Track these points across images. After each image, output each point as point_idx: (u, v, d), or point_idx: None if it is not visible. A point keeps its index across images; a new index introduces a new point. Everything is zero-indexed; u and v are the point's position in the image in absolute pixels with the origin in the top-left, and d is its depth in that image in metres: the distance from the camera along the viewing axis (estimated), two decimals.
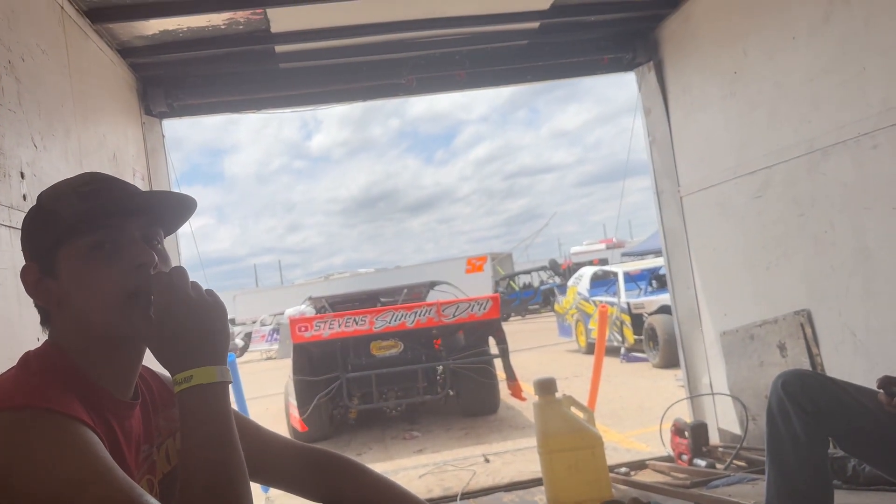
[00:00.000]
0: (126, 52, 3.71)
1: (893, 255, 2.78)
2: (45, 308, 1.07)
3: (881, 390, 1.93)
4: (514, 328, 19.37)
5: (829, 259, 3.15)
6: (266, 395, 11.39)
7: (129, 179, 3.51)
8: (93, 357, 1.04)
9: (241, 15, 3.54)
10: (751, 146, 3.59)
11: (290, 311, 15.22)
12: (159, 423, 1.16)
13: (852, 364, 3.06)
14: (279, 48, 3.97)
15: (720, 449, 3.93)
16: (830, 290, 3.17)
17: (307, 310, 10.49)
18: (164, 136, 4.24)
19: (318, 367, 7.42)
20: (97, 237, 1.02)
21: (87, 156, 2.97)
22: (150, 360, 1.11)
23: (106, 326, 1.03)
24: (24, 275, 1.06)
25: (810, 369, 3.22)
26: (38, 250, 1.06)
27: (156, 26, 3.52)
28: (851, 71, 2.87)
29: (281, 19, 3.64)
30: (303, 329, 7.21)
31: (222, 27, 3.66)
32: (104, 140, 3.24)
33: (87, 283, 1.02)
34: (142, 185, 3.77)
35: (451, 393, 7.92)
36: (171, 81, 4.10)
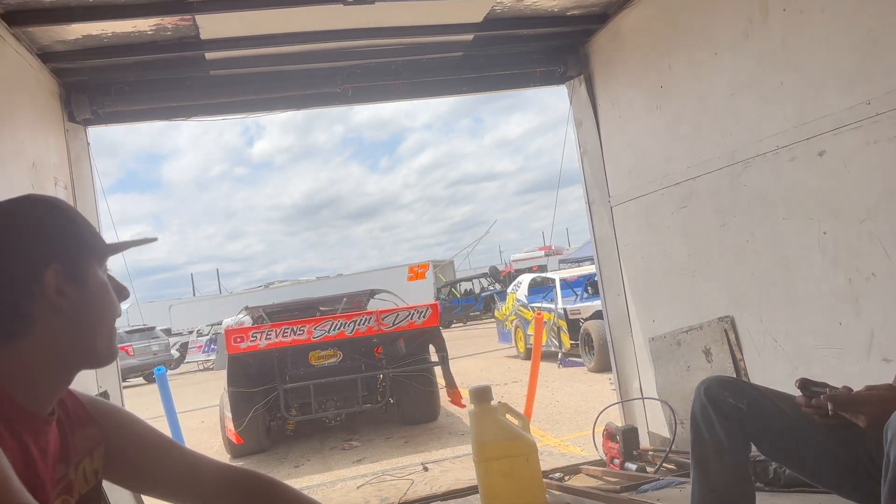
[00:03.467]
0: (47, 56, 3.59)
1: (810, 263, 2.90)
2: (35, 322, 0.99)
3: (800, 392, 2.00)
4: (455, 335, 19.44)
5: (750, 267, 3.26)
6: (202, 407, 11.13)
7: (49, 188, 3.41)
8: (39, 379, 1.00)
9: (168, 21, 3.46)
10: (676, 158, 3.69)
11: (228, 321, 14.92)
12: (75, 442, 1.11)
13: (773, 368, 3.18)
14: (209, 55, 3.90)
15: (650, 452, 4.02)
16: (752, 298, 3.29)
17: (244, 319, 10.31)
18: (89, 143, 4.11)
19: (254, 378, 7.29)
20: (104, 265, 1.09)
21: (3, 164, 2.86)
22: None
23: (103, 349, 1.06)
24: (51, 276, 0.99)
25: (733, 375, 3.33)
26: (70, 257, 1.03)
27: (78, 31, 3.42)
28: (770, 86, 2.99)
29: (210, 26, 3.57)
30: (238, 340, 7.07)
31: (149, 33, 3.58)
32: (22, 147, 3.12)
33: (105, 304, 1.06)
34: (63, 195, 3.64)
35: (392, 401, 7.89)
36: (96, 88, 3.97)
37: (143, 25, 3.47)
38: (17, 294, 0.99)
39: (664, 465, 3.73)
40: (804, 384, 1.99)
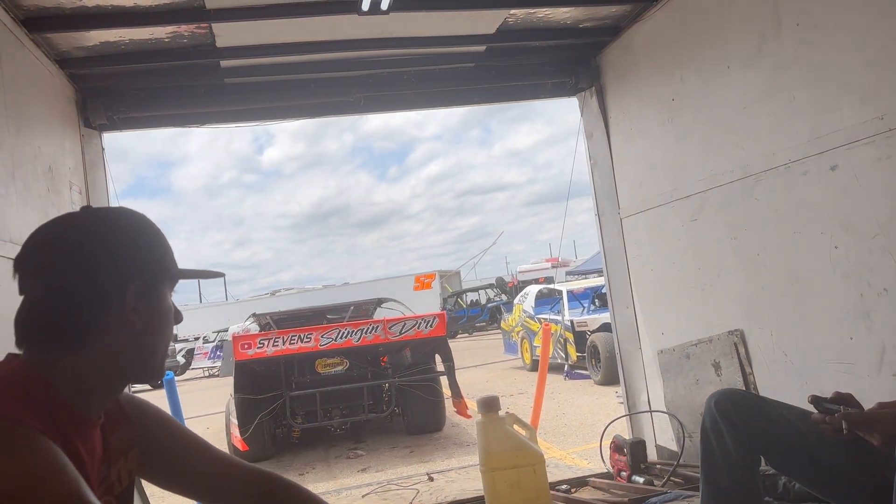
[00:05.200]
0: (65, 62, 3.62)
1: (821, 278, 2.89)
2: (105, 333, 1.02)
3: (815, 411, 2.00)
4: (461, 345, 19.41)
5: (760, 281, 3.26)
6: (207, 413, 11.14)
7: (65, 193, 3.44)
8: (98, 388, 1.03)
9: (185, 29, 3.49)
10: (687, 171, 3.70)
11: (234, 328, 14.93)
12: (114, 443, 1.13)
13: (783, 383, 3.17)
14: (224, 63, 3.93)
15: (658, 466, 4.00)
16: (762, 312, 3.28)
17: (251, 326, 10.33)
18: (103, 148, 4.14)
19: (260, 385, 7.31)
20: (172, 289, 1.14)
21: (20, 168, 2.88)
22: None
23: (157, 368, 1.11)
24: (131, 293, 1.03)
25: (743, 388, 3.32)
26: (148, 275, 1.06)
27: (96, 37, 3.45)
28: (782, 100, 2.99)
29: (226, 34, 3.61)
30: (246, 346, 7.09)
31: (166, 40, 3.61)
32: (39, 152, 3.15)
33: (169, 324, 1.11)
34: (79, 199, 3.67)
35: (397, 411, 7.89)
36: (112, 93, 4.00)
37: (159, 33, 3.51)
38: (96, 304, 1.02)
39: (672, 478, 3.71)
40: (817, 401, 1.99)
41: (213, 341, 23.92)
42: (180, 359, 23.81)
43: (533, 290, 14.17)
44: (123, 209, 1.14)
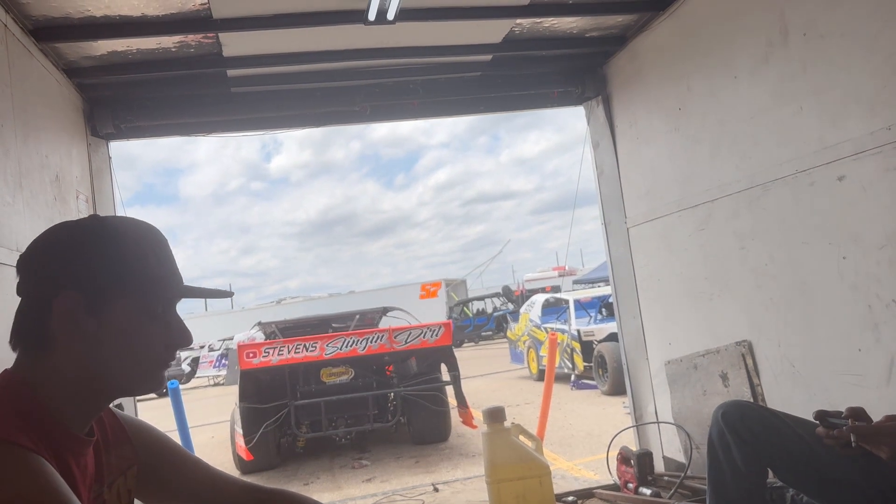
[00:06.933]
0: (73, 72, 3.65)
1: (829, 289, 2.88)
2: (56, 340, 1.00)
3: (818, 423, 1.98)
4: (467, 354, 19.38)
5: (768, 291, 3.24)
6: (212, 422, 11.11)
7: (71, 201, 3.45)
8: (72, 397, 1.01)
9: (192, 38, 3.51)
10: (694, 180, 3.69)
11: (240, 337, 14.96)
12: (111, 461, 1.12)
13: (791, 394, 3.14)
14: (231, 72, 3.95)
15: (665, 477, 3.98)
16: (770, 322, 3.26)
17: (257, 335, 10.32)
18: (110, 157, 4.16)
19: (265, 394, 7.29)
20: (156, 304, 1.05)
21: (27, 176, 2.89)
22: None
23: (134, 386, 1.05)
24: (63, 301, 0.99)
25: (750, 400, 3.29)
26: (91, 286, 1.00)
27: (104, 47, 3.48)
28: (789, 110, 2.98)
29: (233, 44, 3.63)
30: (251, 355, 7.08)
31: (173, 50, 3.63)
32: (46, 161, 3.16)
33: (133, 341, 1.03)
34: (85, 207, 3.68)
35: (402, 420, 7.85)
36: (119, 103, 4.03)
37: (167, 42, 3.53)
38: (35, 307, 1.02)
39: (679, 490, 3.68)
40: (822, 415, 1.97)
41: (218, 350, 23.90)
42: (186, 367, 23.79)
43: (539, 298, 14.11)
44: (106, 218, 1.10)
